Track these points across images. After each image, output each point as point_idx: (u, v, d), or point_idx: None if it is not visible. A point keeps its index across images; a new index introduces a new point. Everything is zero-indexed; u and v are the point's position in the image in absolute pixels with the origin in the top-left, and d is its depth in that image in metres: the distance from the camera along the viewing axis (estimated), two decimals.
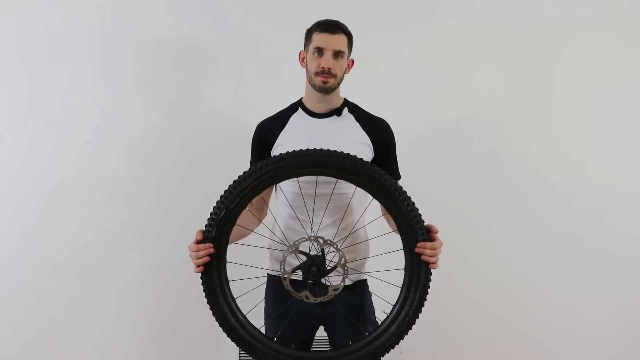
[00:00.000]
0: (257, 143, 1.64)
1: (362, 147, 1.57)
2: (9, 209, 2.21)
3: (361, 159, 1.34)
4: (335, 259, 1.39)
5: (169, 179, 2.27)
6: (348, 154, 1.34)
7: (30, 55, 2.21)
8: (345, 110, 1.62)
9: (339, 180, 1.40)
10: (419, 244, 1.33)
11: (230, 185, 1.36)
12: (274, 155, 1.35)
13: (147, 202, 2.26)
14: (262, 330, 1.51)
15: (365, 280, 1.64)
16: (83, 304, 2.25)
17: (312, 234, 1.39)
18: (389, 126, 1.65)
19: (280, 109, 1.67)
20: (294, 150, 1.35)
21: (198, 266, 1.36)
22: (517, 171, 2.35)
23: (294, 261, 1.45)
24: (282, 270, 1.38)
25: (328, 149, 1.34)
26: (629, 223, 2.37)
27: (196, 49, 2.27)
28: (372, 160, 1.60)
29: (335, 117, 1.59)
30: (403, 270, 1.39)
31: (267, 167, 1.33)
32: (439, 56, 2.32)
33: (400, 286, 1.39)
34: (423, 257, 1.33)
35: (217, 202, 1.36)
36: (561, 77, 2.34)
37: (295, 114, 1.62)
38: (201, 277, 1.39)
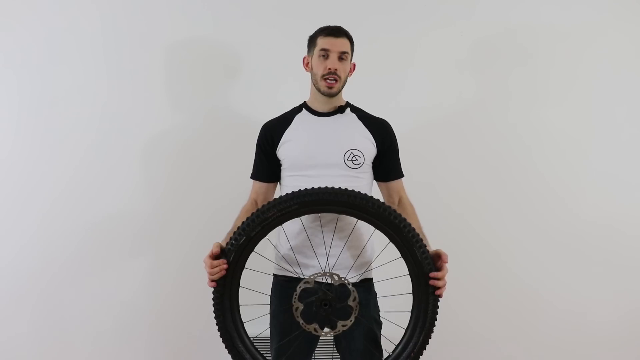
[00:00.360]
0: (262, 143, 1.69)
1: (365, 142, 1.63)
2: (12, 210, 2.19)
3: (383, 203, 1.38)
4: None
5: (175, 179, 2.27)
6: (371, 197, 1.38)
7: (32, 57, 2.20)
8: (348, 109, 1.69)
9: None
10: (432, 274, 1.38)
11: (253, 214, 1.38)
12: (300, 190, 1.38)
13: (152, 203, 2.26)
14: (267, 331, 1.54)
15: (371, 280, 1.67)
16: (86, 305, 2.24)
17: (327, 269, 1.43)
18: (390, 126, 1.71)
19: (285, 111, 1.73)
20: (319, 187, 1.38)
21: (212, 281, 1.39)
22: (519, 171, 2.38)
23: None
24: (294, 301, 1.41)
25: (353, 190, 1.38)
26: (631, 222, 2.40)
27: (200, 50, 2.28)
28: (376, 158, 1.66)
29: (339, 114, 1.66)
30: (409, 313, 1.43)
31: (292, 201, 1.37)
32: (439, 56, 2.36)
33: (405, 328, 1.44)
34: (432, 282, 1.38)
35: (239, 227, 1.39)
36: (562, 75, 2.37)
37: (299, 114, 1.68)
38: (213, 300, 1.41)
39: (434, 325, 1.41)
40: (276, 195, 1.67)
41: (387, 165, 1.69)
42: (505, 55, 2.38)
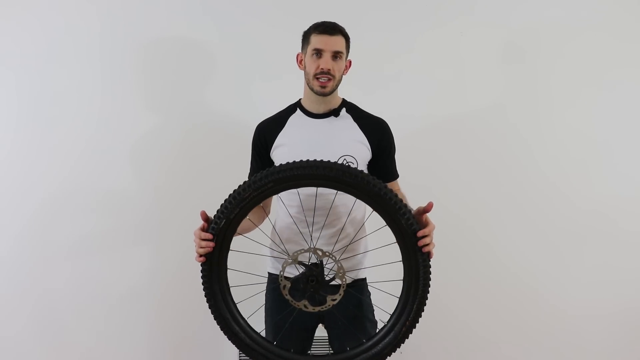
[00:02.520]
0: (257, 144, 1.65)
1: (359, 147, 1.57)
2: (10, 209, 2.24)
3: (361, 171, 1.32)
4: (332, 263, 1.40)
5: (170, 179, 2.28)
6: (348, 167, 1.32)
7: (29, 57, 2.21)
8: (343, 110, 1.62)
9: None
10: (419, 233, 1.30)
11: (230, 195, 1.36)
12: (274, 166, 1.35)
13: (149, 201, 2.28)
14: (262, 331, 1.55)
15: (364, 279, 1.66)
16: (85, 303, 2.29)
17: (312, 245, 1.40)
18: (387, 125, 1.64)
19: (279, 110, 1.67)
20: (294, 161, 1.34)
21: (200, 255, 1.37)
22: (518, 170, 2.34)
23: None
24: (280, 280, 1.40)
25: (328, 161, 1.33)
26: (631, 222, 2.35)
27: (195, 50, 2.26)
28: (371, 160, 1.60)
29: (333, 117, 1.60)
30: (402, 281, 1.39)
31: (266, 178, 1.33)
32: (439, 56, 2.29)
33: (399, 297, 1.41)
34: (420, 242, 1.31)
35: (218, 211, 1.37)
36: (562, 76, 2.31)
37: (293, 115, 1.63)
38: (203, 285, 1.41)
39: (427, 292, 1.37)
40: (273, 200, 1.68)
41: (383, 168, 1.63)
42: (505, 55, 2.29)
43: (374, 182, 1.32)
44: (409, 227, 1.32)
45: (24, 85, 2.22)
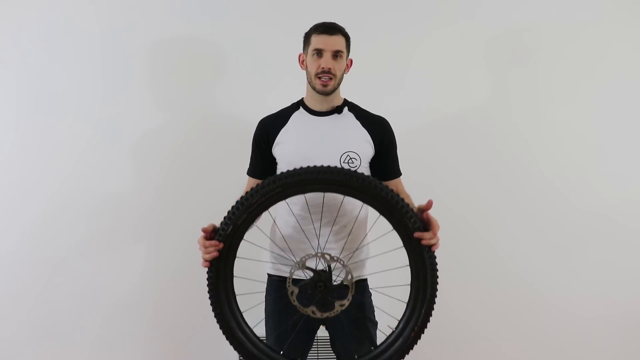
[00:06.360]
0: (258, 139, 1.66)
1: (362, 144, 1.59)
2: (10, 209, 2.23)
3: (368, 176, 1.34)
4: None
5: (171, 178, 2.28)
6: (355, 171, 1.34)
7: (29, 57, 2.22)
8: (346, 109, 1.64)
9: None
10: (416, 233, 1.32)
11: (237, 201, 1.36)
12: (282, 172, 1.36)
13: (149, 201, 2.28)
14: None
15: (365, 280, 1.65)
16: (85, 302, 2.27)
17: (319, 250, 1.40)
18: (388, 124, 1.67)
19: (282, 107, 1.69)
20: (301, 167, 1.35)
21: (206, 260, 1.37)
22: (519, 168, 2.35)
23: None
24: (288, 286, 1.39)
25: (335, 166, 1.35)
26: (631, 222, 2.36)
27: (195, 50, 2.28)
28: (373, 158, 1.62)
29: (335, 114, 1.62)
30: (409, 286, 1.39)
31: (274, 184, 1.34)
32: (439, 56, 2.32)
33: (406, 302, 1.40)
34: (424, 242, 1.32)
35: (225, 217, 1.37)
36: (563, 75, 2.34)
37: (296, 112, 1.65)
38: (209, 292, 1.40)
39: (435, 295, 1.37)
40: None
41: (385, 165, 1.65)
42: (505, 56, 2.33)
43: (381, 186, 1.33)
44: (413, 226, 1.33)
45: (24, 85, 2.23)
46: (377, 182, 1.34)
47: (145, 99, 2.27)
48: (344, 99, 1.67)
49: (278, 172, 1.64)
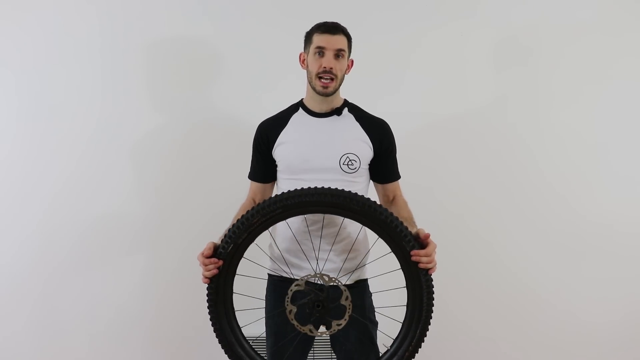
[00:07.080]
0: (258, 143, 1.66)
1: (362, 145, 1.59)
2: (11, 209, 2.24)
3: (368, 199, 1.35)
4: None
5: (170, 179, 2.29)
6: (355, 194, 1.35)
7: (29, 57, 2.21)
8: (346, 110, 1.64)
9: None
10: (413, 252, 1.33)
11: (238, 221, 1.38)
12: (282, 192, 1.37)
13: (149, 201, 2.29)
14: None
15: (365, 280, 1.66)
16: (85, 303, 2.29)
17: (318, 271, 1.42)
18: (388, 126, 1.66)
19: (281, 110, 1.69)
20: (302, 188, 1.36)
21: (206, 277, 1.39)
22: (518, 171, 2.36)
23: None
24: (287, 304, 1.41)
25: (336, 189, 1.36)
26: (631, 223, 2.38)
27: (195, 50, 2.28)
28: (372, 160, 1.62)
29: (335, 116, 1.62)
30: (405, 307, 1.42)
31: (274, 205, 1.36)
32: (439, 56, 2.32)
33: (402, 321, 1.43)
34: (421, 265, 1.34)
35: (226, 236, 1.39)
36: (562, 75, 2.34)
37: (296, 114, 1.65)
38: (208, 307, 1.42)
39: (430, 317, 1.40)
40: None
41: (384, 168, 1.65)
42: (505, 56, 2.33)
43: (381, 210, 1.35)
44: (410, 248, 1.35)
45: (24, 85, 2.22)
46: (377, 206, 1.35)
47: (144, 100, 2.27)
48: (344, 99, 1.67)
49: (278, 175, 1.66)
